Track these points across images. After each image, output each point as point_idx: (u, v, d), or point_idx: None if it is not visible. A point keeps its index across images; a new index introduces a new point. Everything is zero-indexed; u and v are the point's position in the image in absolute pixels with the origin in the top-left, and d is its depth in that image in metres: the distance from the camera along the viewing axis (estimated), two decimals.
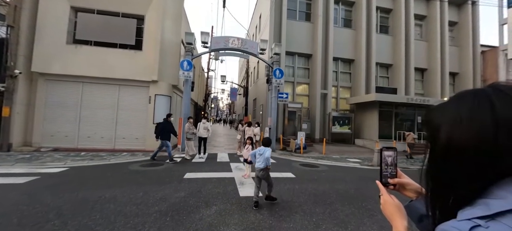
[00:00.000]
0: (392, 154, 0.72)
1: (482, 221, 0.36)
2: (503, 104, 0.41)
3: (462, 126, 0.43)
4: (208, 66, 23.91)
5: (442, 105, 0.51)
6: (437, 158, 0.48)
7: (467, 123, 0.42)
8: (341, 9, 15.56)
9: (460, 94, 0.49)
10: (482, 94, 0.44)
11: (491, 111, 0.41)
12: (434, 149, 0.48)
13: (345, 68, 15.67)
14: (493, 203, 0.38)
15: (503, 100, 0.41)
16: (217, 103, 56.48)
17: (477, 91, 0.46)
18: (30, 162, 6.49)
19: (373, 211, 3.65)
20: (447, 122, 0.46)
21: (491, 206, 0.37)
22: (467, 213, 0.39)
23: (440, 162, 0.47)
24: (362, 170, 7.23)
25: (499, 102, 0.41)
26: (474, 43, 16.75)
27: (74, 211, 3.31)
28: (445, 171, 0.45)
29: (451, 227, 0.39)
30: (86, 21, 9.18)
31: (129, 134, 9.35)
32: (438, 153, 0.47)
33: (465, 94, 0.47)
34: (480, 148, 0.40)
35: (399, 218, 0.60)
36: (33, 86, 8.78)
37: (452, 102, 0.48)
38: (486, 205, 0.38)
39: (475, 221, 0.37)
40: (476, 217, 0.37)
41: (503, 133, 0.39)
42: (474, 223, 0.37)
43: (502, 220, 0.35)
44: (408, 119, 13.39)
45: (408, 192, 0.70)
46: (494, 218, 0.36)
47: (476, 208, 0.39)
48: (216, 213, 3.40)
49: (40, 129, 8.72)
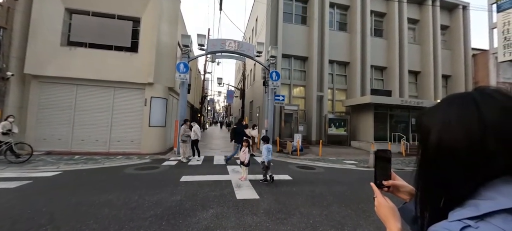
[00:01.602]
0: (387, 156, 0.73)
1: (472, 222, 0.38)
2: (489, 107, 0.42)
3: (450, 128, 0.44)
4: (205, 69, 23.88)
5: (431, 109, 0.52)
6: (428, 160, 0.49)
7: (455, 125, 0.44)
8: (336, 12, 15.76)
9: (448, 98, 0.50)
10: (469, 98, 0.46)
11: (478, 113, 0.42)
12: (425, 151, 0.50)
13: (341, 70, 15.83)
14: (482, 204, 0.39)
15: (489, 103, 0.43)
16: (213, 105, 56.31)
17: (464, 95, 0.48)
18: (22, 166, 6.35)
19: (369, 213, 3.67)
20: (437, 125, 0.47)
21: (480, 207, 0.39)
22: (457, 214, 0.41)
23: (431, 164, 0.48)
24: (358, 171, 7.28)
25: (485, 105, 0.43)
26: (465, 46, 17.14)
27: (67, 216, 3.24)
28: (436, 173, 0.47)
29: (442, 228, 0.40)
30: (81, 23, 9.10)
31: (124, 136, 9.25)
32: (429, 155, 0.48)
33: (453, 98, 0.49)
34: (468, 150, 0.41)
35: (393, 220, 0.61)
36: (26, 88, 8.63)
37: (441, 106, 0.50)
38: (475, 206, 0.40)
39: (465, 221, 0.38)
40: (466, 217, 0.39)
41: (489, 134, 0.40)
42: (464, 223, 0.38)
43: (491, 221, 0.37)
44: (402, 120, 13.58)
45: (402, 194, 0.71)
46: (483, 218, 0.37)
47: (466, 209, 0.40)
48: (213, 216, 3.38)
49: (32, 132, 8.55)
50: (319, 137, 13.34)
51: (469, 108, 0.44)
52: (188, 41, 9.97)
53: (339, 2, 15.42)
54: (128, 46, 9.32)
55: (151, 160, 7.84)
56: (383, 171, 0.72)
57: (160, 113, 9.71)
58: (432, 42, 16.22)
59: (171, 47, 10.32)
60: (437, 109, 0.50)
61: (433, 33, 16.35)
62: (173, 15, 10.37)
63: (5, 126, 6.73)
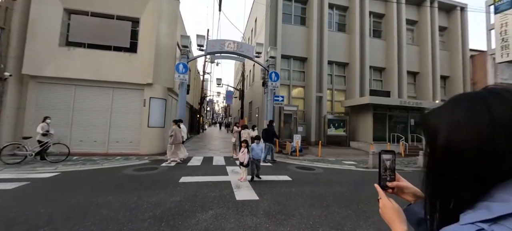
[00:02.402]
0: (391, 157, 0.71)
1: (485, 225, 0.36)
2: (500, 106, 0.41)
3: (460, 128, 0.43)
4: (204, 69, 23.86)
5: (438, 110, 0.51)
6: (436, 161, 0.48)
7: (465, 125, 0.43)
8: (335, 13, 15.81)
9: (455, 98, 0.49)
10: (478, 97, 0.45)
11: (489, 113, 0.41)
12: (433, 152, 0.49)
13: (340, 71, 15.87)
14: (495, 206, 0.38)
15: (500, 102, 0.42)
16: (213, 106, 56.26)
17: (472, 94, 0.47)
18: (19, 167, 6.30)
19: (369, 213, 3.67)
20: (446, 125, 0.46)
21: (493, 210, 0.37)
22: (469, 217, 0.39)
23: (439, 165, 0.47)
24: (357, 172, 7.29)
25: (496, 104, 0.42)
26: (463, 47, 17.25)
27: (66, 217, 3.22)
28: (445, 174, 0.46)
29: None
30: (80, 23, 9.06)
31: (123, 137, 9.20)
32: (438, 157, 0.47)
33: (461, 97, 0.48)
34: (479, 150, 0.40)
35: (399, 222, 0.60)
36: (24, 89, 8.57)
37: (449, 106, 0.49)
38: (488, 208, 0.38)
39: (479, 224, 0.37)
40: (479, 220, 0.37)
41: (500, 134, 0.39)
42: (478, 226, 0.37)
43: (506, 224, 0.35)
44: (401, 121, 13.63)
45: (407, 195, 0.70)
46: (497, 222, 0.36)
47: (477, 211, 0.39)
48: (212, 217, 3.36)
49: (30, 133, 8.47)
50: (318, 138, 13.34)
51: (479, 108, 0.43)
52: (187, 42, 9.96)
53: (338, 3, 15.48)
54: (127, 46, 9.28)
55: (150, 160, 7.81)
56: (387, 172, 0.71)
57: (159, 114, 9.67)
58: (431, 43, 16.31)
59: (170, 48, 10.30)
60: (445, 109, 0.49)
61: (432, 34, 16.44)
62: (172, 15, 10.35)
63: (43, 127, 7.22)
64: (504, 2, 12.49)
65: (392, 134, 13.05)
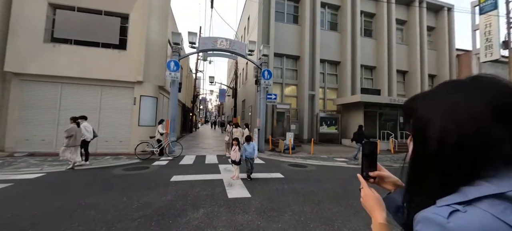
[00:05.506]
0: (373, 148, 0.73)
1: (460, 206, 0.38)
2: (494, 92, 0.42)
3: (455, 115, 0.43)
4: (196, 67, 23.58)
5: (428, 96, 0.50)
6: (426, 149, 0.46)
7: (461, 112, 0.42)
8: (327, 12, 15.96)
9: (446, 84, 0.48)
10: (472, 84, 0.45)
11: (484, 99, 0.41)
12: (423, 140, 0.47)
13: (332, 70, 16.07)
14: (470, 190, 0.39)
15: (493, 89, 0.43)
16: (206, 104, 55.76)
17: (464, 81, 0.46)
18: (2, 168, 6.05)
19: (359, 209, 3.74)
20: (438, 111, 0.45)
21: (468, 193, 0.39)
22: (446, 199, 0.41)
23: (430, 153, 0.45)
24: (349, 169, 7.41)
25: (489, 91, 0.42)
26: (450, 47, 17.81)
27: (51, 219, 3.11)
28: (435, 162, 0.45)
29: (431, 213, 0.40)
30: (66, 19, 8.74)
31: (112, 136, 8.98)
32: (428, 144, 0.46)
33: (452, 84, 0.47)
34: (475, 138, 0.40)
35: (379, 210, 0.62)
36: (6, 87, 8.21)
37: (440, 93, 0.48)
38: (463, 192, 0.40)
39: (454, 206, 0.38)
40: (454, 202, 0.39)
41: (496, 120, 0.40)
42: (453, 208, 0.38)
43: (479, 205, 0.37)
44: (391, 119, 13.96)
45: (387, 184, 0.72)
46: (471, 203, 0.38)
47: (454, 195, 0.41)
48: (204, 216, 3.34)
49: (13, 132, 8.16)
50: (310, 135, 13.48)
51: (475, 93, 0.43)
52: (178, 39, 9.80)
53: (330, 2, 15.63)
54: (116, 43, 9.03)
55: (140, 160, 7.66)
56: (369, 163, 0.73)
57: (150, 113, 9.50)
58: (419, 43, 16.75)
59: (161, 45, 10.10)
60: (436, 95, 0.48)
61: (420, 34, 16.89)
62: (163, 12, 10.14)
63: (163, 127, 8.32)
64: (488, 3, 12.95)
65: (382, 131, 13.35)
